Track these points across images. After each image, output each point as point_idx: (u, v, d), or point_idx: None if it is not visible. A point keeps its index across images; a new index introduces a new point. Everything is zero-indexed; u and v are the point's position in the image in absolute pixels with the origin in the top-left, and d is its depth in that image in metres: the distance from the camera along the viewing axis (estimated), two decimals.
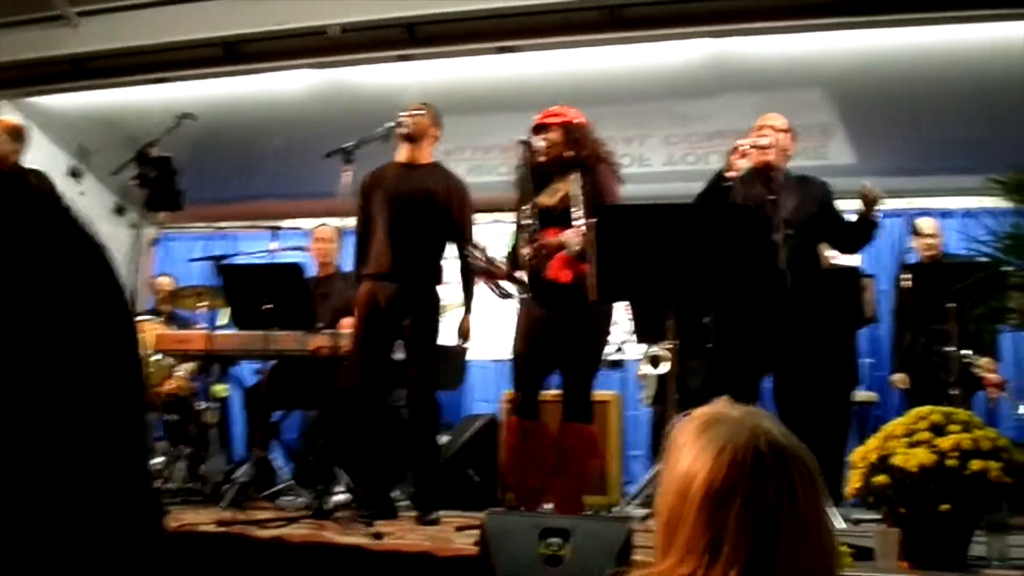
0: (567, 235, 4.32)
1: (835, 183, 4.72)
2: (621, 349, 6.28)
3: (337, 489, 4.75)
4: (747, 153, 4.43)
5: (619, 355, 5.95)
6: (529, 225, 4.38)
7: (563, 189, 4.40)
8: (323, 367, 5.01)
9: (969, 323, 4.48)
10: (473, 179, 5.29)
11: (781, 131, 4.62)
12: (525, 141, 4.51)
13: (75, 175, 7.72)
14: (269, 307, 4.84)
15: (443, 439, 5.42)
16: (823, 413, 4.51)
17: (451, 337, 4.96)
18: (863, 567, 3.30)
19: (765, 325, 4.39)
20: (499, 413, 6.03)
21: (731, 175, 4.38)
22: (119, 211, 7.90)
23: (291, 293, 4.99)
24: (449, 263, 4.86)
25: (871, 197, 4.42)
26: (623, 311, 5.59)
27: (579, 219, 4.28)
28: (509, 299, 4.50)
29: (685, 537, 1.24)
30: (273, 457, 5.71)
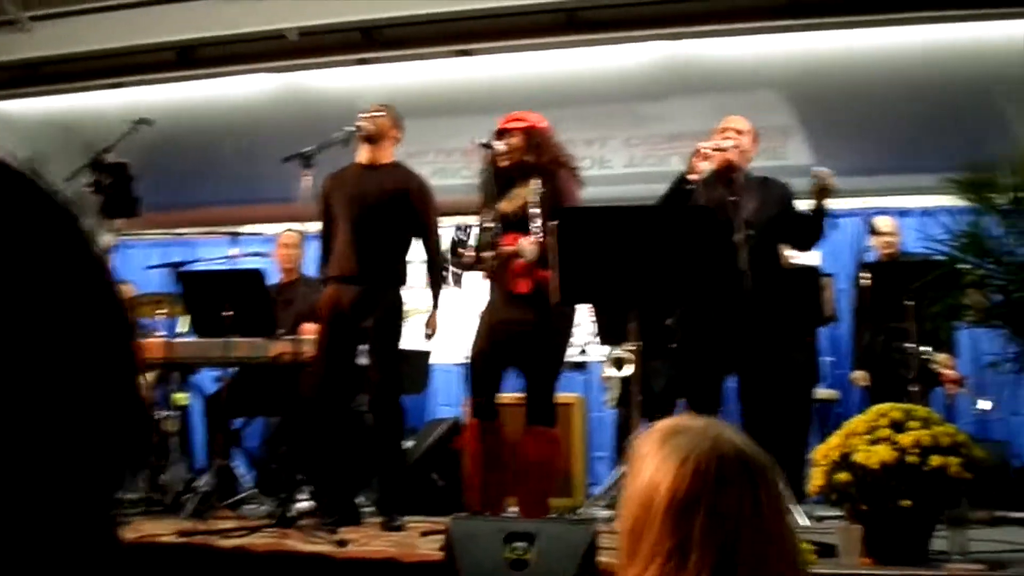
0: (522, 243, 4.30)
1: (794, 183, 4.76)
2: (585, 351, 6.30)
3: (300, 496, 4.71)
4: (709, 155, 4.46)
5: (583, 357, 5.97)
6: (491, 230, 4.37)
7: (523, 196, 4.39)
8: (285, 373, 4.95)
9: (927, 320, 4.54)
10: (436, 182, 5.26)
11: (744, 133, 4.65)
12: (485, 144, 4.50)
13: None
14: (229, 314, 4.79)
15: (407, 444, 5.39)
16: (785, 411, 4.55)
17: (415, 339, 4.93)
18: (826, 563, 3.33)
19: (727, 325, 4.41)
20: (463, 417, 6.01)
21: (693, 178, 4.40)
22: None
23: (251, 299, 4.94)
24: (413, 266, 4.83)
25: (821, 182, 4.45)
26: (586, 313, 5.60)
27: (537, 227, 4.27)
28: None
29: (650, 544, 1.24)
30: (235, 465, 5.65)
